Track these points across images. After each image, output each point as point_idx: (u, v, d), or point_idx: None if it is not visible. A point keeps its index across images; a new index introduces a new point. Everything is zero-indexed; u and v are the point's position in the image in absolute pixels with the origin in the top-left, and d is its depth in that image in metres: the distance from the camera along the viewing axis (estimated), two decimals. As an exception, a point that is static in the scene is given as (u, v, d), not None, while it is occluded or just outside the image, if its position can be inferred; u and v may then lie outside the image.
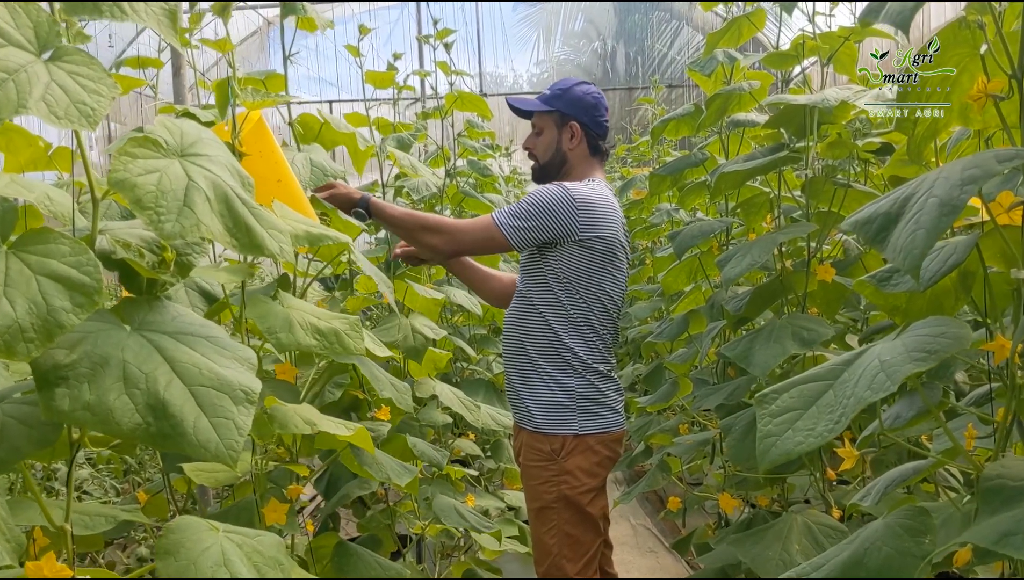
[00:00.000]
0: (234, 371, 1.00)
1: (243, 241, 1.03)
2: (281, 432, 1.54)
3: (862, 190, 2.42)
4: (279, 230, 1.09)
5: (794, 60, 2.49)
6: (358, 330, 1.59)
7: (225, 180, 1.04)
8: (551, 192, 2.47)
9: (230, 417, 0.94)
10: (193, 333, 1.03)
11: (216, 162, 1.06)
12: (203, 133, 1.09)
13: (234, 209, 1.03)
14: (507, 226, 2.46)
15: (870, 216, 1.12)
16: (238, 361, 1.02)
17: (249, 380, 0.99)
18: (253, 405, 0.97)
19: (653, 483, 3.12)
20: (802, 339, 2.15)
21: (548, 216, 2.44)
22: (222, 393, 0.96)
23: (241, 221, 1.03)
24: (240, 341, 1.70)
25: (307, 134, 2.13)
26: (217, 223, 1.00)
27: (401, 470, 2.08)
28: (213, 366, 0.98)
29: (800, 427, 1.11)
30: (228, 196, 1.03)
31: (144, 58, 2.33)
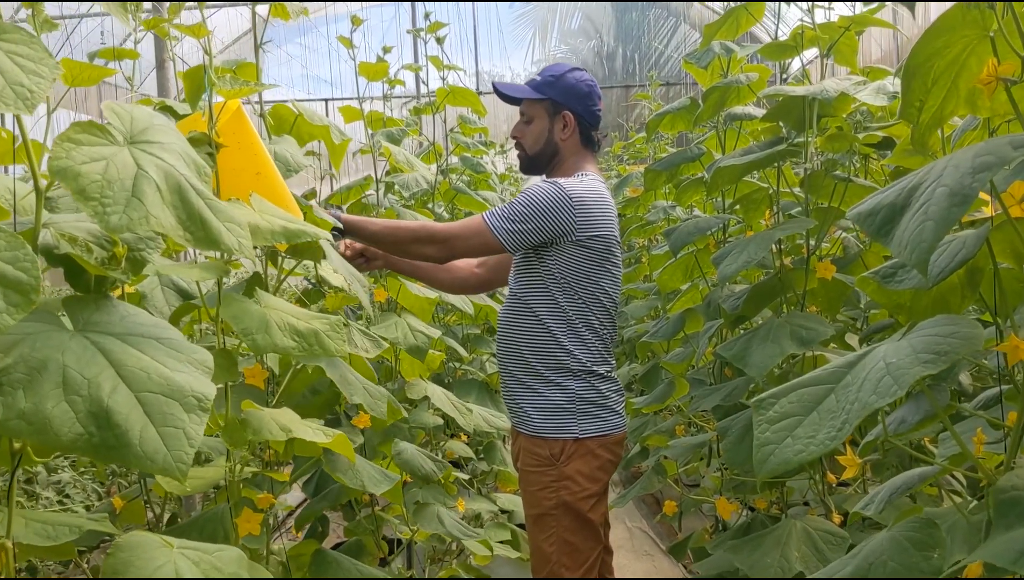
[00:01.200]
0: (187, 375, 0.92)
1: (197, 235, 0.95)
2: (255, 439, 1.47)
3: (863, 185, 2.35)
4: (237, 223, 1.02)
5: (793, 51, 2.41)
6: (339, 331, 1.52)
7: (179, 169, 0.97)
8: (546, 191, 2.37)
9: (180, 426, 0.87)
10: (143, 334, 0.95)
11: (169, 150, 0.98)
12: (156, 119, 1.01)
13: (188, 200, 0.95)
14: (500, 229, 2.35)
15: (874, 207, 1.04)
16: (193, 364, 0.95)
17: (203, 385, 0.91)
18: (207, 413, 0.89)
19: (649, 486, 3.05)
20: (801, 338, 2.08)
21: (543, 217, 2.35)
22: (172, 400, 0.88)
23: (196, 213, 0.96)
24: (217, 343, 1.63)
25: (281, 127, 2.05)
26: (169, 215, 0.92)
27: (380, 477, 2.00)
28: (164, 370, 0.91)
29: (800, 434, 1.04)
30: (182, 186, 0.95)
31: (119, 49, 2.24)
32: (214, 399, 1.56)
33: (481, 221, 2.38)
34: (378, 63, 2.75)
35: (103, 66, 1.93)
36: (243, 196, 1.49)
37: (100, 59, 2.28)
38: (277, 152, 1.83)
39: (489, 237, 2.35)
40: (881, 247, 2.75)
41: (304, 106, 2.07)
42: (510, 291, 2.56)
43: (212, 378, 1.45)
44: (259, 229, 1.43)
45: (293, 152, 1.85)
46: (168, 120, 1.04)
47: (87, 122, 0.94)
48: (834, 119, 2.42)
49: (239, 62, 2.00)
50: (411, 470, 2.42)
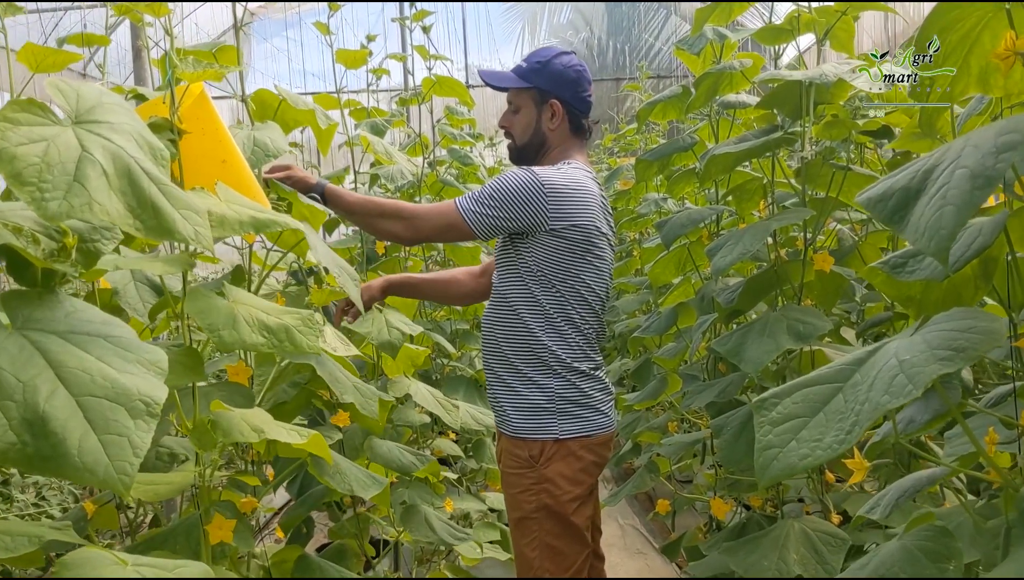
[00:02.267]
0: (136, 377, 0.84)
1: (149, 224, 0.87)
2: (225, 441, 1.39)
3: (862, 173, 2.27)
4: (194, 211, 0.93)
5: (789, 35, 2.33)
6: (312, 326, 1.44)
7: (129, 152, 0.88)
8: (518, 177, 2.28)
9: (125, 434, 0.78)
10: (89, 332, 0.87)
11: (119, 130, 0.89)
12: (105, 97, 0.93)
13: (138, 186, 0.87)
14: (469, 212, 2.25)
15: (885, 192, 0.96)
16: (143, 365, 0.86)
17: (152, 388, 0.83)
18: (155, 419, 0.81)
19: (641, 485, 2.98)
20: (797, 333, 2.01)
21: (514, 204, 2.25)
22: (117, 405, 0.80)
23: (147, 200, 0.87)
24: (184, 340, 1.55)
25: (264, 112, 1.96)
26: (116, 202, 0.84)
27: (367, 481, 1.92)
28: (109, 372, 0.82)
29: (805, 438, 0.96)
30: (131, 170, 0.87)
31: (88, 35, 2.15)
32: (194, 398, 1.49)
33: (452, 204, 2.29)
34: (357, 50, 2.66)
35: (68, 51, 1.84)
36: (208, 185, 1.41)
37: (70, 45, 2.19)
38: (256, 137, 1.74)
39: (456, 219, 2.26)
40: (878, 239, 2.69)
41: (288, 91, 1.98)
42: (493, 284, 2.47)
43: (177, 378, 1.37)
44: (226, 219, 1.35)
45: (274, 137, 1.76)
46: (119, 99, 0.96)
47: (26, 100, 0.86)
48: (831, 106, 2.35)
49: (219, 45, 1.91)
50: (385, 463, 2.33)
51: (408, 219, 2.29)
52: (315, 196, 2.17)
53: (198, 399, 1.49)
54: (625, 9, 14.19)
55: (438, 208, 2.33)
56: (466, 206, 2.27)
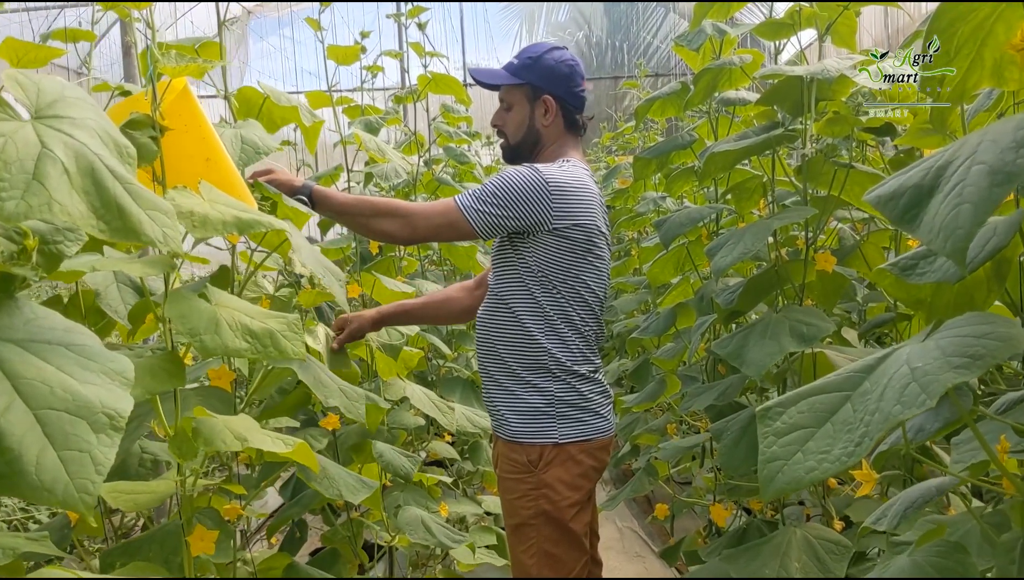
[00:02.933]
0: (99, 389, 0.79)
1: (113, 225, 0.82)
2: (207, 450, 1.34)
3: (865, 171, 2.22)
4: (163, 212, 0.88)
5: (789, 30, 2.28)
6: (297, 331, 1.38)
7: (93, 149, 0.83)
8: (522, 175, 2.21)
9: (86, 449, 0.73)
10: (50, 341, 0.82)
11: (83, 126, 0.84)
12: (68, 91, 0.88)
13: (103, 185, 0.82)
14: (471, 210, 2.18)
15: (896, 190, 0.91)
16: (108, 375, 0.81)
17: (116, 400, 0.78)
18: (119, 432, 0.76)
19: (639, 489, 2.93)
20: (800, 335, 1.95)
21: (518, 202, 2.18)
22: (78, 418, 0.75)
23: (111, 200, 0.82)
24: (166, 345, 1.50)
25: (248, 110, 1.91)
26: (78, 202, 0.79)
27: (356, 485, 1.87)
28: (71, 383, 0.77)
29: (812, 449, 0.91)
30: (95, 169, 0.82)
31: (74, 30, 2.10)
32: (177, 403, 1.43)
33: (452, 202, 2.21)
34: (349, 46, 2.60)
35: (51, 47, 1.79)
36: (191, 184, 1.36)
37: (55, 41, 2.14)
38: (244, 136, 1.69)
39: (457, 217, 2.18)
40: (880, 238, 2.64)
41: (272, 87, 1.92)
42: (489, 285, 2.41)
43: (158, 383, 1.32)
44: (208, 219, 1.30)
45: (261, 135, 1.70)
46: (83, 93, 0.90)
47: (-17, 93, 0.80)
48: (832, 103, 2.29)
49: (201, 40, 1.85)
50: (390, 467, 2.28)
51: (405, 217, 2.21)
52: (302, 198, 2.10)
53: (179, 405, 1.44)
54: (624, 8, 14.14)
55: (437, 206, 2.25)
56: (467, 204, 2.20)
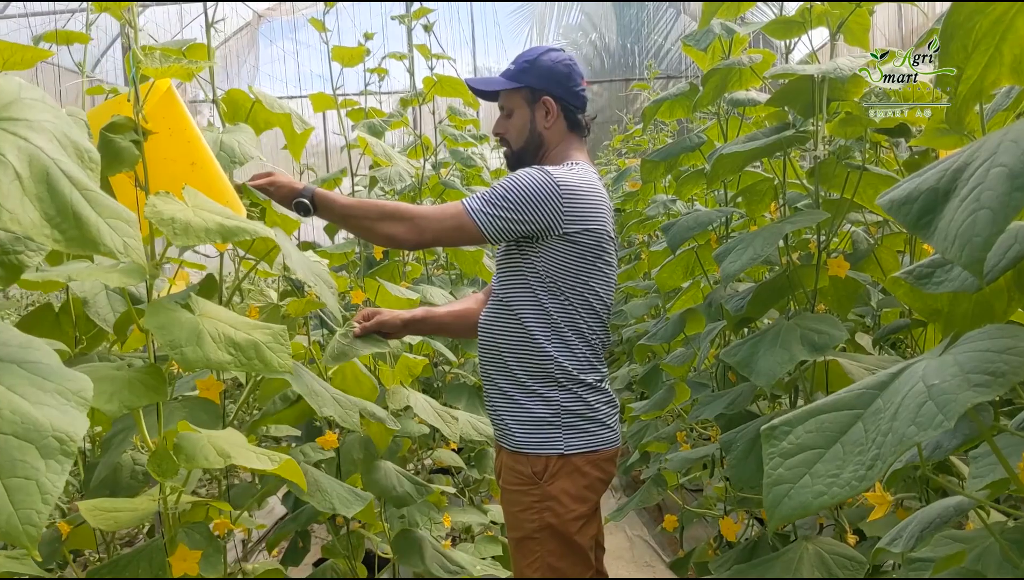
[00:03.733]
0: (53, 410, 0.73)
1: (69, 234, 0.76)
2: (188, 467, 1.28)
3: (879, 173, 2.15)
4: (124, 220, 0.83)
5: (800, 28, 2.22)
6: (283, 342, 1.33)
7: (48, 153, 0.78)
8: (532, 177, 2.14)
9: (33, 476, 0.68)
10: (2, 358, 0.76)
11: (38, 129, 0.79)
12: (25, 92, 0.83)
13: (58, 191, 0.77)
14: (479, 213, 2.11)
15: (910, 194, 0.85)
16: (63, 395, 0.76)
17: (69, 422, 0.72)
18: (70, 458, 0.70)
19: (647, 499, 2.86)
20: (812, 343, 1.89)
21: (528, 205, 2.11)
22: (26, 442, 0.69)
23: (67, 207, 0.77)
24: (149, 355, 1.45)
25: (237, 113, 1.86)
26: (30, 210, 0.74)
27: (350, 498, 1.82)
28: (20, 404, 0.72)
29: (820, 472, 0.85)
30: (50, 174, 0.77)
31: (67, 32, 2.05)
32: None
33: (460, 205, 2.14)
34: (353, 48, 2.55)
35: (39, 48, 1.75)
36: (175, 189, 1.31)
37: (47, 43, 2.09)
38: (224, 141, 1.64)
39: (465, 220, 2.11)
40: (895, 241, 2.57)
41: (262, 91, 1.87)
42: (492, 290, 2.34)
43: (137, 398, 1.27)
44: (191, 226, 1.25)
45: (242, 141, 1.65)
46: (43, 94, 0.85)
47: (-69, 94, 0.75)
48: (845, 103, 2.23)
49: (188, 42, 1.80)
50: (380, 492, 2.20)
51: (411, 220, 2.13)
52: (303, 202, 2.04)
53: (162, 419, 1.39)
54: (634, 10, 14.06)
55: (444, 209, 2.18)
56: (476, 207, 2.12)
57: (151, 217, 1.23)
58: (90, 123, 1.56)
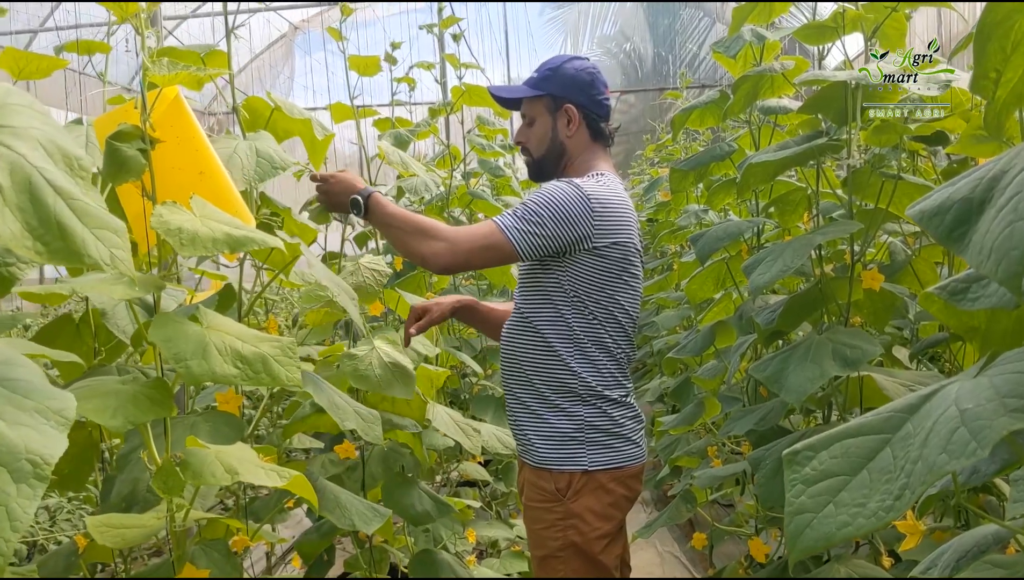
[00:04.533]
0: (29, 430, 0.70)
1: (53, 245, 0.73)
2: (195, 483, 1.25)
3: (915, 183, 2.08)
4: (112, 230, 0.79)
5: (833, 33, 2.15)
6: (291, 355, 1.30)
7: (32, 161, 0.75)
8: (563, 191, 2.08)
9: (3, 502, 0.65)
10: (-19, 375, 0.73)
11: (23, 136, 0.76)
12: (12, 98, 0.80)
13: (41, 201, 0.74)
14: (513, 229, 2.04)
15: (942, 204, 0.80)
16: (42, 414, 0.72)
17: (45, 444, 0.69)
18: (44, 482, 0.67)
19: (676, 516, 2.80)
20: (844, 358, 1.82)
21: (560, 220, 2.05)
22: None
23: (51, 218, 0.73)
24: (157, 369, 1.42)
25: (256, 121, 1.83)
26: (11, 220, 0.71)
27: (369, 514, 1.78)
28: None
29: (845, 501, 0.79)
30: (33, 183, 0.73)
31: (88, 42, 2.05)
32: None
33: (492, 223, 2.08)
34: (370, 56, 2.52)
35: (53, 57, 1.74)
36: (182, 199, 1.28)
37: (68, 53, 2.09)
38: (260, 149, 1.61)
39: (498, 239, 2.05)
40: (933, 253, 2.49)
41: (282, 99, 1.85)
42: (515, 303, 2.29)
43: (141, 413, 1.24)
44: (198, 236, 1.22)
45: (276, 148, 1.63)
46: (31, 99, 0.82)
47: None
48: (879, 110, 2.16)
49: (208, 48, 1.78)
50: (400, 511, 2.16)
51: (446, 240, 2.06)
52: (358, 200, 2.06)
53: (174, 436, 1.36)
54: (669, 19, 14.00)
55: (477, 229, 2.11)
56: (508, 224, 2.06)
57: (157, 227, 1.20)
58: (97, 131, 1.55)
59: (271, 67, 13.86)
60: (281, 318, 6.00)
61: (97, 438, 1.87)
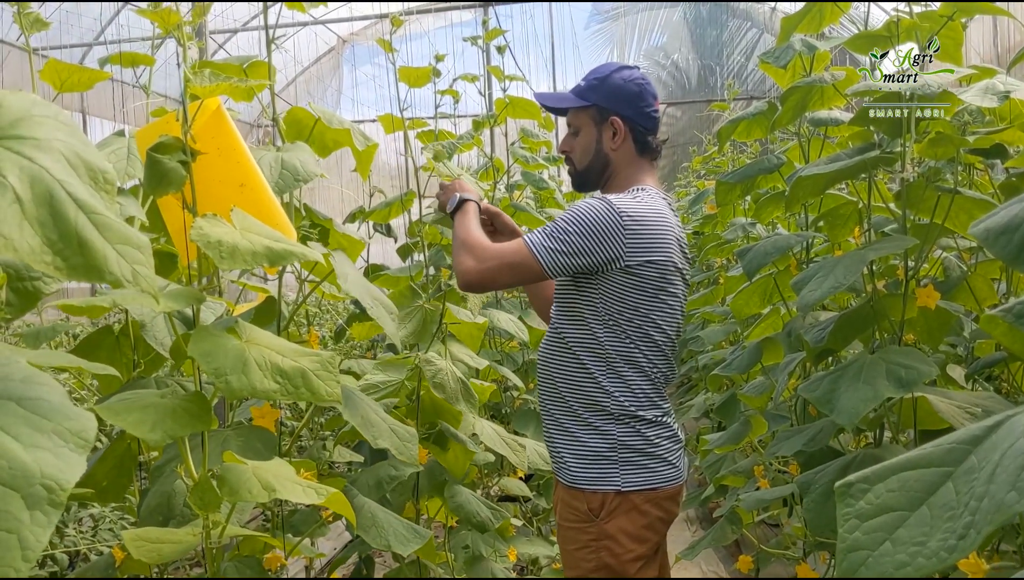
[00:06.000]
0: (46, 453, 0.68)
1: (72, 261, 0.71)
2: (231, 500, 1.23)
3: (973, 197, 2.01)
4: (135, 246, 0.77)
5: (887, 42, 2.08)
6: (331, 370, 1.27)
7: (54, 173, 0.73)
8: (594, 209, 2.03)
9: (15, 529, 0.62)
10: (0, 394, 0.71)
11: (47, 148, 0.74)
12: (37, 109, 0.78)
13: (62, 215, 0.71)
14: (542, 249, 2.01)
15: (1010, 222, 0.74)
16: (60, 436, 0.70)
17: (62, 468, 0.66)
18: (58, 508, 0.64)
19: (720, 539, 2.73)
20: (899, 379, 1.75)
21: (591, 238, 2.00)
22: (11, 490, 0.64)
23: (71, 232, 0.71)
24: (195, 383, 1.40)
25: (300, 132, 1.82)
26: (30, 235, 0.69)
27: (407, 534, 1.75)
28: (11, 446, 0.66)
29: (903, 538, 0.74)
30: (54, 197, 0.71)
31: (132, 54, 2.05)
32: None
33: (520, 241, 2.06)
34: (421, 68, 2.51)
35: (94, 69, 1.74)
36: (223, 211, 1.27)
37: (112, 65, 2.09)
38: (285, 160, 1.60)
39: (526, 257, 2.02)
40: (989, 269, 2.40)
41: (324, 109, 1.83)
42: (551, 319, 2.25)
43: (180, 427, 1.22)
44: (237, 250, 1.20)
45: (304, 159, 1.60)
46: (58, 110, 0.81)
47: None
48: (935, 122, 2.09)
49: (249, 59, 1.77)
50: (465, 516, 2.18)
51: (477, 257, 2.06)
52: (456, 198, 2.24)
53: (208, 450, 1.34)
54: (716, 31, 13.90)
55: (506, 247, 2.08)
56: (537, 242, 2.03)
57: (197, 240, 1.19)
58: (138, 143, 1.54)
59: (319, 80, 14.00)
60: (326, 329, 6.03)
61: (136, 450, 1.87)
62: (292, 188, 1.54)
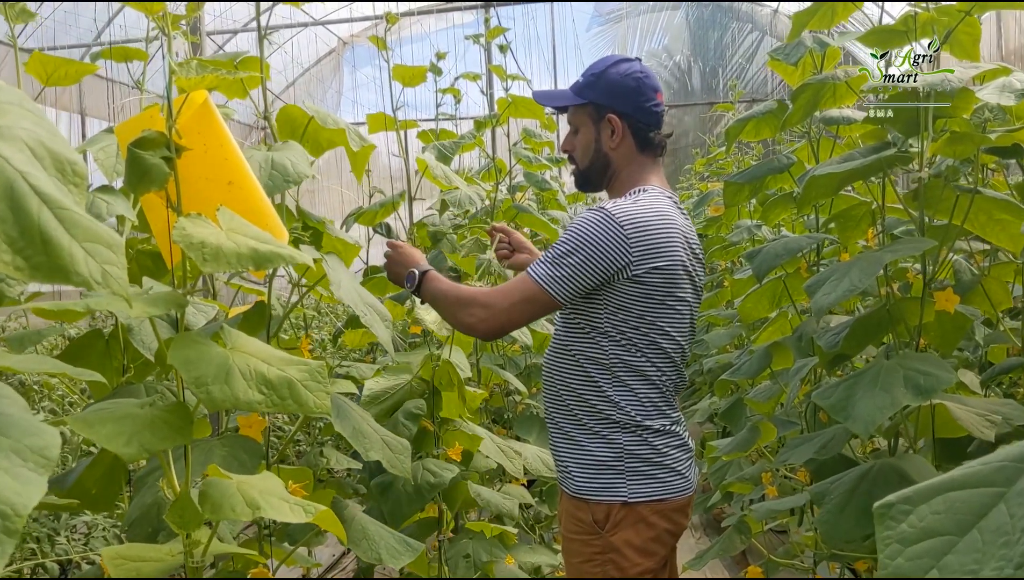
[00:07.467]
0: (3, 474, 0.61)
1: (35, 260, 0.64)
2: (213, 518, 1.16)
3: (994, 197, 1.94)
4: (105, 244, 0.70)
5: (902, 38, 2.02)
6: (320, 380, 1.20)
7: (16, 165, 0.66)
8: (592, 224, 1.94)
9: (-36, 560, 0.55)
10: (-46, 408, 0.64)
11: (8, 137, 0.67)
12: (3, 94, 0.71)
13: (24, 211, 0.65)
14: (549, 279, 1.93)
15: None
16: (20, 454, 0.63)
17: (18, 491, 0.60)
18: (13, 536, 0.57)
19: (728, 548, 2.66)
20: (917, 386, 1.68)
21: (593, 256, 1.92)
22: (-40, 517, 0.57)
23: (34, 230, 0.64)
24: (179, 393, 1.33)
25: (294, 131, 1.75)
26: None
27: (399, 547, 1.68)
28: (-38, 467, 0.60)
29: (952, 566, 0.67)
30: (16, 190, 0.65)
31: (124, 48, 1.98)
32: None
33: (523, 276, 1.98)
34: (416, 66, 2.44)
35: (81, 62, 1.67)
36: (209, 211, 1.19)
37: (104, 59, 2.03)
38: (275, 159, 1.53)
39: (535, 291, 1.94)
40: (1003, 271, 2.34)
41: (318, 108, 1.76)
42: (555, 327, 2.17)
43: (158, 441, 1.15)
44: (221, 251, 1.13)
45: (294, 159, 1.53)
46: (22, 97, 0.74)
47: None
48: (952, 120, 2.03)
49: (240, 54, 1.70)
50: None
51: (484, 306, 1.98)
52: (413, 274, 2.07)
53: (191, 462, 1.27)
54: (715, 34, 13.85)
55: (511, 285, 2.01)
56: (542, 273, 1.95)
57: (179, 240, 1.12)
58: (120, 138, 1.47)
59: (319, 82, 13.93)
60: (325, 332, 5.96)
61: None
62: (283, 189, 1.47)
